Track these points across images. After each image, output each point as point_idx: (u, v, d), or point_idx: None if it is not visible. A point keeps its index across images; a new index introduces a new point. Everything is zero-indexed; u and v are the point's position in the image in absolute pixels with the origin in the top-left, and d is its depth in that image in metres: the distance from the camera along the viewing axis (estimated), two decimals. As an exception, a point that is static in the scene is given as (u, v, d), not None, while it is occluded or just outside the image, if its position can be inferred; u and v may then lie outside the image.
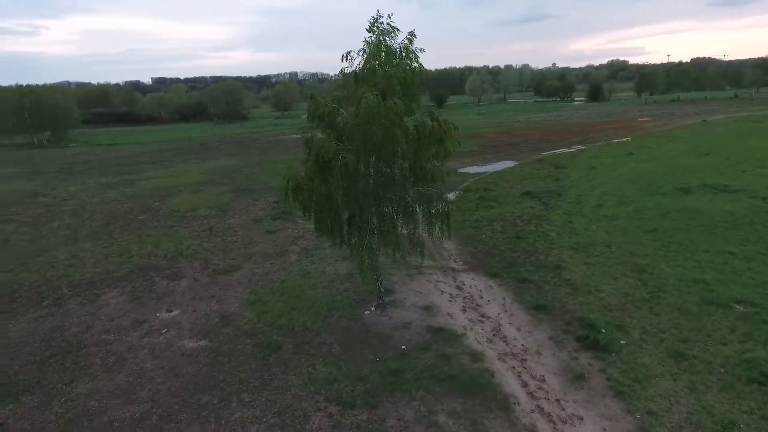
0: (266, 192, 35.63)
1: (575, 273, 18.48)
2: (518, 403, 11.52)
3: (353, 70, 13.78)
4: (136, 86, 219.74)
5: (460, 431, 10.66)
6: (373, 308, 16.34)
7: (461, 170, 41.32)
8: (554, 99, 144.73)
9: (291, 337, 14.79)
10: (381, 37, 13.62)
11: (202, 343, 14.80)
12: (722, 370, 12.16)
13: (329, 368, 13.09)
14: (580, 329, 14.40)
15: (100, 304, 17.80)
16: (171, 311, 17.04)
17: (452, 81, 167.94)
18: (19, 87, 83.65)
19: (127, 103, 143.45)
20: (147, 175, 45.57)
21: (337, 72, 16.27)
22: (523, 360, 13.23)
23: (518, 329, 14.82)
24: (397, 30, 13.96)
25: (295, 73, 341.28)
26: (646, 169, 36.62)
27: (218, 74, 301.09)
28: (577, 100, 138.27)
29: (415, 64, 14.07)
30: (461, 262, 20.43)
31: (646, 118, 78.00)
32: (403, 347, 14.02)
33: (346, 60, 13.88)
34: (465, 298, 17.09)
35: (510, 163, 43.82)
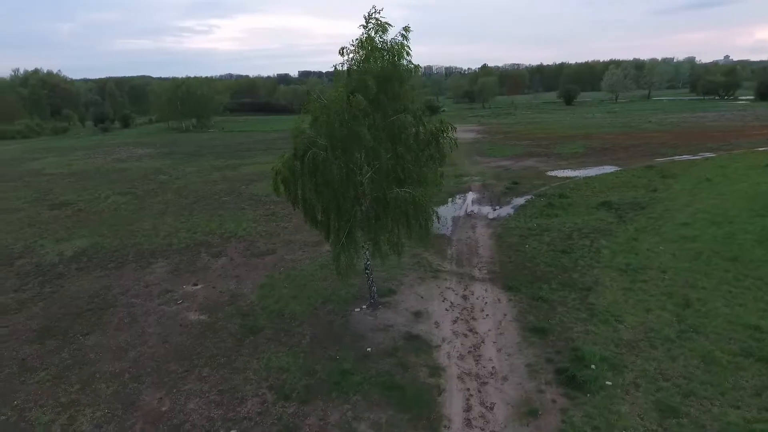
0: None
1: (604, 298, 16.31)
2: (448, 428, 10.74)
3: (343, 67, 13.79)
4: (283, 79, 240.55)
5: (370, 443, 10.33)
6: (364, 306, 16.32)
7: (550, 173, 38.38)
8: (712, 97, 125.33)
9: (275, 323, 15.49)
10: (368, 33, 13.42)
11: (202, 317, 16.23)
12: (712, 439, 9.95)
13: (288, 358, 13.50)
14: (566, 361, 12.79)
15: (147, 271, 20.42)
16: (196, 285, 18.90)
17: (593, 76, 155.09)
18: (174, 79, 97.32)
19: (271, 94, 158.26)
20: (252, 160, 50.17)
21: (471, 66, 16.30)
22: (484, 383, 12.22)
23: (499, 350, 13.65)
24: (389, 25, 13.65)
25: (430, 67, 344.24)
26: (777, 185, 30.30)
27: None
28: (743, 99, 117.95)
29: (403, 61, 13.62)
30: (485, 271, 19.25)
31: (821, 123, 63.86)
32: (368, 349, 13.84)
33: (343, 55, 13.94)
34: (464, 309, 16.16)
35: (610, 169, 39.43)
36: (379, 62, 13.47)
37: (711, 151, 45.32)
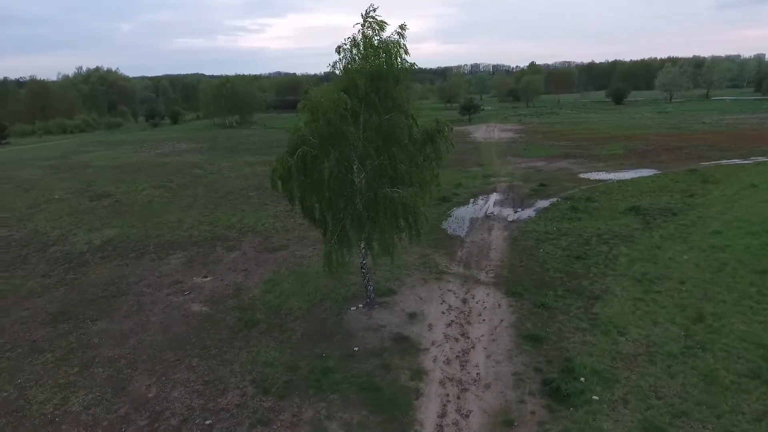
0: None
1: (610, 308, 15.57)
2: (419, 432, 10.58)
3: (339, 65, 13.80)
4: (327, 77, 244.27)
5: (337, 443, 10.32)
6: (360, 305, 16.30)
7: (582, 175, 36.96)
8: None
9: (271, 318, 15.75)
10: (363, 32, 13.36)
11: (204, 308, 16.73)
12: (695, 464, 9.29)
13: (275, 353, 13.69)
14: (555, 372, 12.30)
15: (164, 262, 21.24)
16: (206, 277, 19.49)
17: (648, 74, 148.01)
18: (220, 77, 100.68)
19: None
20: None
21: (519, 64, 16.29)
22: (465, 390, 11.94)
23: (488, 356, 13.30)
24: (385, 24, 13.54)
25: (477, 65, 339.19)
26: (832, 193, 27.86)
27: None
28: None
29: (399, 60, 13.47)
30: (492, 275, 18.79)
31: None
32: (355, 348, 13.83)
33: (339, 54, 13.97)
34: (462, 312, 15.84)
35: (648, 172, 37.49)
36: (374, 61, 13.39)
37: (765, 155, 42.25)
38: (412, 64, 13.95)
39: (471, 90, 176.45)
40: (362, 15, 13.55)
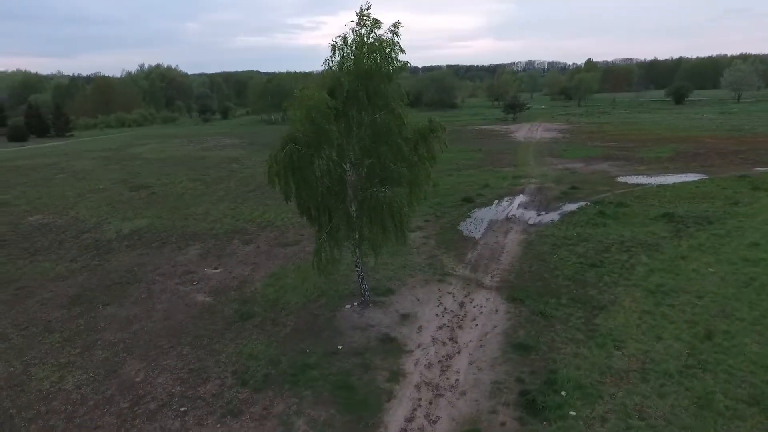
0: (393, 179, 37.01)
1: (614, 320, 14.78)
2: (382, 435, 10.49)
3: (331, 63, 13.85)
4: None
5: (299, 439, 10.42)
6: (355, 304, 16.33)
7: (620, 179, 35.20)
8: None
9: (266, 311, 16.08)
10: (356, 30, 13.33)
11: (207, 299, 17.31)
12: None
13: (262, 346, 13.97)
14: (537, 383, 11.84)
15: (182, 253, 22.15)
16: (216, 269, 20.15)
17: (716, 72, 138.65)
18: (267, 74, 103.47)
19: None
20: (320, 153, 51.85)
21: (576, 61, 16.25)
22: (439, 395, 11.72)
23: (471, 363, 12.97)
24: (379, 23, 13.46)
25: (532, 62, 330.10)
26: None
27: (454, 63, 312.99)
28: None
29: (391, 58, 13.34)
30: (498, 279, 18.28)
31: None
32: (340, 347, 13.88)
33: (335, 52, 14.01)
34: (456, 316, 15.53)
35: (694, 177, 35.16)
36: (365, 60, 13.33)
37: (832, 162, 38.59)
38: (405, 63, 13.77)
39: (522, 88, 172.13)
40: (356, 13, 13.52)
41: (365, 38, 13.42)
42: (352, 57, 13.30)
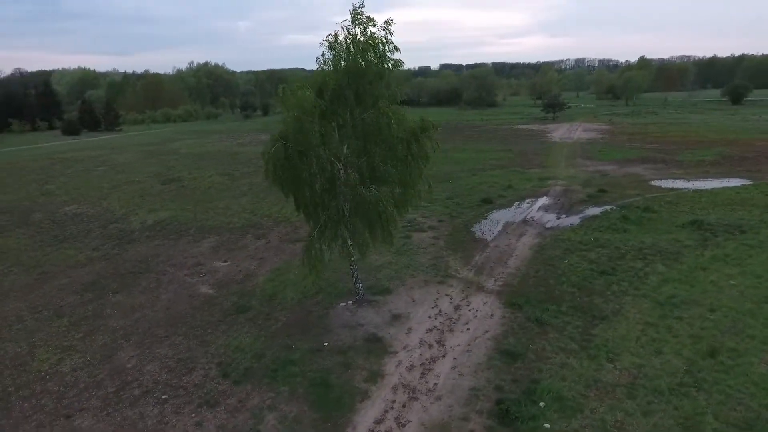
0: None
1: (613, 331, 14.12)
2: (348, 436, 10.46)
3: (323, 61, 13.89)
4: (421, 72, 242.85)
5: (265, 430, 10.56)
6: (350, 302, 16.34)
7: (653, 182, 33.55)
8: None
9: (262, 306, 16.36)
10: (348, 29, 13.31)
11: (210, 291, 17.80)
12: None
13: (250, 340, 14.22)
14: (516, 392, 11.48)
15: (195, 245, 22.87)
16: (225, 262, 20.68)
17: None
18: (293, 70, 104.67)
19: (406, 86, 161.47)
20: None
21: (629, 58, 16.14)
22: (414, 399, 11.56)
23: (454, 367, 12.71)
24: (371, 20, 13.39)
25: (582, 59, 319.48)
26: None
27: (500, 60, 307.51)
28: None
29: (385, 56, 13.24)
30: (501, 283, 17.83)
31: None
32: (325, 344, 13.94)
33: (332, 50, 14.05)
34: (449, 319, 15.26)
35: (736, 182, 33.05)
36: (360, 58, 13.28)
37: None
38: (398, 61, 13.63)
39: (567, 86, 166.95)
40: (350, 11, 13.49)
41: (358, 36, 13.36)
42: (343, 55, 13.28)
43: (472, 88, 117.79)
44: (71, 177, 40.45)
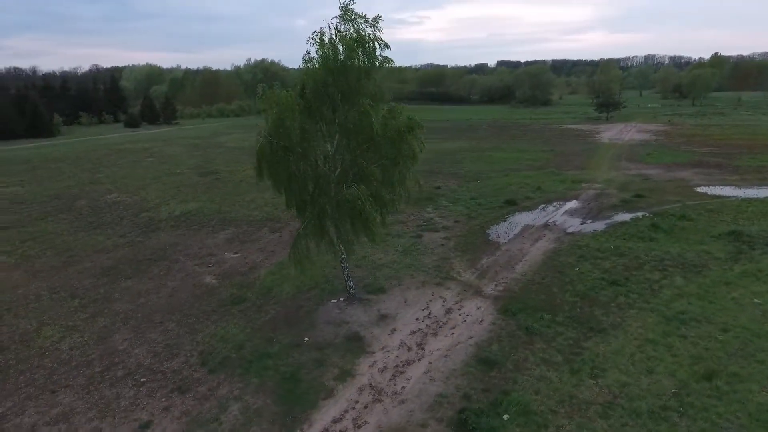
0: (444, 177, 36.31)
1: (607, 345, 13.31)
2: (302, 431, 10.50)
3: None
4: (477, 69, 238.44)
5: (226, 420, 10.77)
6: (341, 299, 16.37)
7: (700, 189, 31.26)
8: None
9: (257, 298, 16.73)
10: (336, 26, 13.27)
11: (213, 281, 18.40)
12: None
13: (236, 330, 14.58)
14: (482, 402, 11.08)
15: (213, 236, 23.71)
16: (235, 254, 21.30)
17: None
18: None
19: (456, 84, 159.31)
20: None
21: (704, 55, 15.94)
22: (378, 401, 11.43)
23: (427, 372, 12.44)
24: (359, 16, 13.29)
25: (652, 56, 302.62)
26: None
27: (561, 57, 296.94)
28: None
29: (373, 54, 13.12)
30: (501, 288, 17.24)
31: None
32: (306, 339, 14.05)
33: (323, 48, 14.09)
34: (436, 322, 14.94)
35: (795, 191, 30.15)
36: (348, 55, 13.23)
37: None
38: (386, 58, 13.45)
39: (628, 85, 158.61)
40: (340, 7, 13.45)
41: (346, 34, 13.30)
42: (328, 53, 13.25)
43: (526, 85, 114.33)
44: (121, 167, 43.07)
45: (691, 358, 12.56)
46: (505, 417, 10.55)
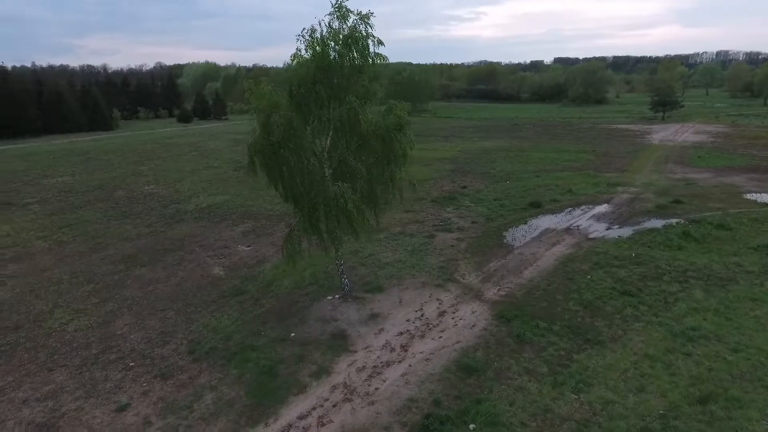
0: (473, 176, 35.58)
1: (600, 359, 12.59)
2: (267, 426, 10.61)
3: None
4: (532, 66, 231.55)
5: (198, 408, 11.05)
6: (337, 296, 16.40)
7: (748, 196, 29.00)
8: None
9: (257, 291, 17.07)
10: (328, 23, 13.25)
11: (221, 273, 18.94)
12: None
13: (228, 322, 14.94)
14: (451, 410, 10.77)
15: (231, 229, 24.40)
16: (248, 247, 21.82)
17: None
18: (397, 64, 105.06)
19: (506, 81, 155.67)
20: (418, 147, 51.69)
21: None
22: (348, 401, 11.35)
23: (404, 375, 12.23)
24: (351, 12, 13.21)
25: (725, 52, 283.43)
26: None
27: (623, 53, 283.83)
28: None
29: (366, 51, 13.03)
30: (503, 293, 16.69)
31: None
32: (292, 335, 14.17)
33: (316, 45, 14.14)
34: (426, 325, 14.65)
35: None
36: (340, 52, 13.20)
37: None
38: (378, 54, 13.28)
39: (696, 82, 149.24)
40: (332, 4, 13.41)
41: (339, 31, 13.25)
42: (318, 50, 13.25)
43: (579, 83, 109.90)
44: (164, 160, 45.19)
45: (690, 378, 11.64)
46: (471, 427, 10.20)
